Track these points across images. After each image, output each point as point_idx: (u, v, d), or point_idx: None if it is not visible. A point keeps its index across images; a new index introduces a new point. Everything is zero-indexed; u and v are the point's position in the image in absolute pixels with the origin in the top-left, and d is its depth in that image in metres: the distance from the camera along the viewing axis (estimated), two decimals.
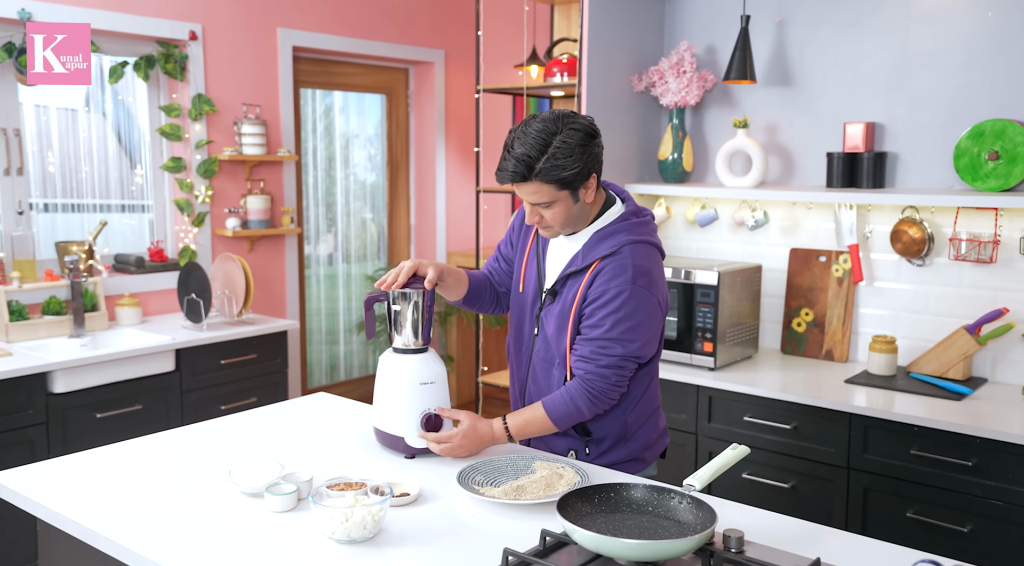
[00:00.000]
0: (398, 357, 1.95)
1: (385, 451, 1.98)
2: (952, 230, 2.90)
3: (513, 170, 1.81)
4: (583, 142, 1.81)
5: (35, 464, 1.88)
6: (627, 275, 1.85)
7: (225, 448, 2.00)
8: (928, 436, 2.53)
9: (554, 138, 1.79)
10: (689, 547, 1.33)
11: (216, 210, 4.07)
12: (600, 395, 1.86)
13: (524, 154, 1.79)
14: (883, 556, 1.50)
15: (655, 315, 1.89)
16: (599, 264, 1.88)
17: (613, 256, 1.87)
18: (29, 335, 3.30)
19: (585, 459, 1.98)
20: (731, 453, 1.60)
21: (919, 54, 2.97)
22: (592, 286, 1.88)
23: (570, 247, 1.96)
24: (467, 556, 1.46)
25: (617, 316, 1.84)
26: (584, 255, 1.91)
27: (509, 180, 1.83)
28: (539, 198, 1.84)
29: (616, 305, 1.84)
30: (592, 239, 1.92)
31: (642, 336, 1.86)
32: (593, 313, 1.86)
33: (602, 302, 1.85)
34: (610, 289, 1.85)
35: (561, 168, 1.79)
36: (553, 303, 1.96)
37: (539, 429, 1.91)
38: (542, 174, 1.79)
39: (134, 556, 1.48)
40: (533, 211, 1.88)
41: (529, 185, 1.82)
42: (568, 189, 1.83)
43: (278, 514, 1.62)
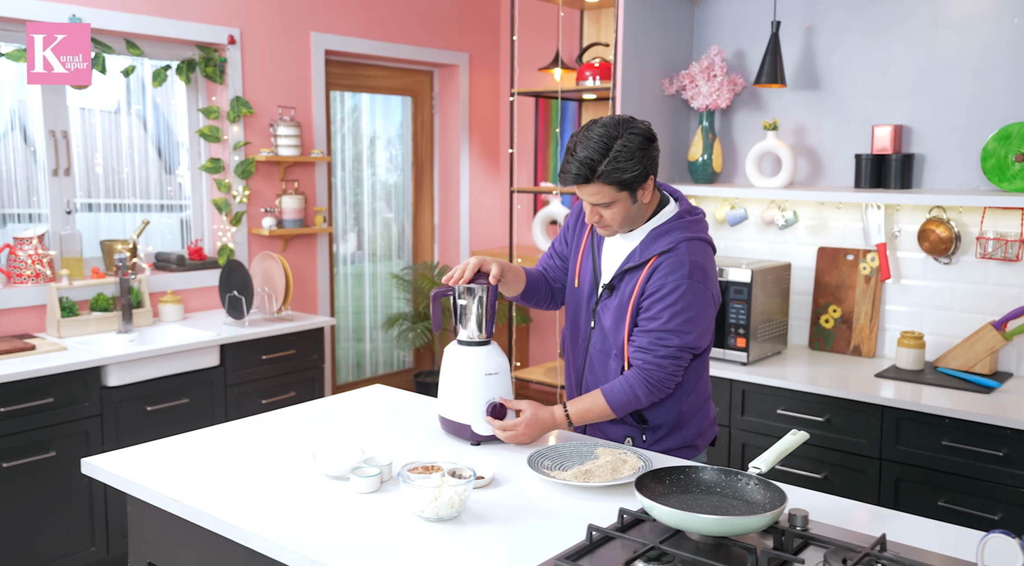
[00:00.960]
0: (464, 349, 2.05)
1: (450, 438, 2.08)
2: (979, 229, 3.00)
3: (576, 172, 1.91)
4: (643, 146, 1.91)
5: (124, 449, 1.98)
6: (684, 270, 1.95)
7: (298, 435, 2.10)
8: (959, 428, 2.63)
9: (615, 142, 1.89)
10: (764, 523, 1.43)
11: (252, 210, 4.17)
12: (658, 384, 1.96)
13: (587, 157, 1.89)
14: (946, 535, 1.59)
15: (709, 308, 1.99)
16: (656, 260, 1.98)
17: (670, 252, 1.97)
18: (79, 331, 3.40)
19: (641, 446, 2.08)
20: (792, 438, 1.70)
21: (945, 59, 3.07)
22: (650, 281, 1.97)
23: (626, 244, 2.06)
24: (548, 533, 1.56)
25: (674, 309, 1.94)
26: (641, 252, 2.01)
27: (572, 182, 1.94)
28: (600, 199, 1.94)
29: (673, 298, 1.94)
30: (649, 236, 2.02)
31: (697, 328, 1.97)
32: (651, 306, 1.96)
33: (660, 296, 1.95)
34: (667, 283, 1.95)
35: (622, 170, 1.89)
36: (610, 297, 2.06)
37: (598, 416, 2.00)
38: (604, 176, 1.89)
39: (236, 530, 1.57)
40: (593, 211, 1.98)
41: (591, 187, 1.92)
42: (628, 190, 1.93)
43: (363, 495, 1.72)
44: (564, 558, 1.43)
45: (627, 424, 2.09)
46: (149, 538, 1.86)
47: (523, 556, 1.47)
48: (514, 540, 1.54)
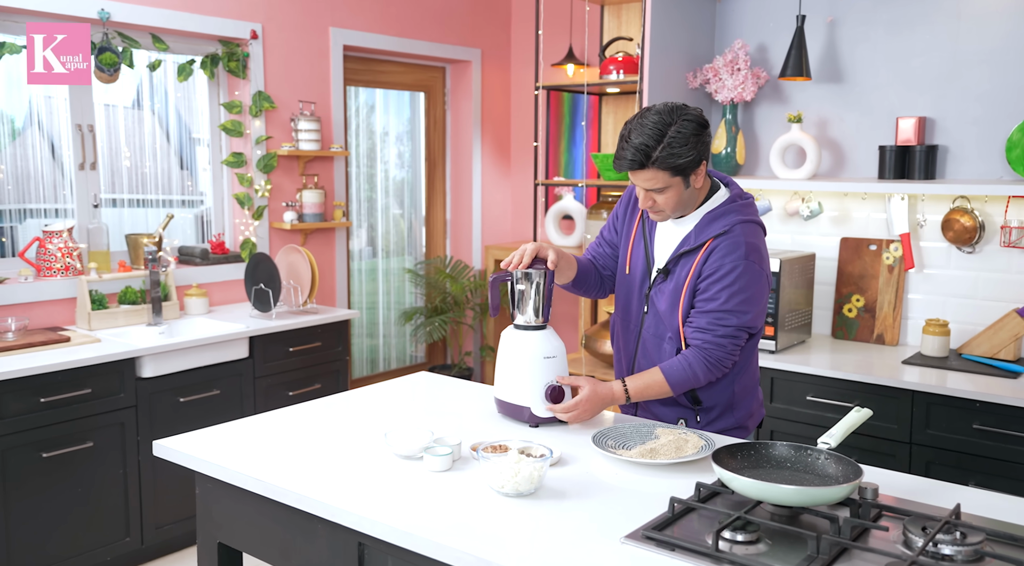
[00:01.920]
0: (521, 333, 2.08)
1: (507, 420, 2.12)
2: (1003, 218, 3.06)
3: (632, 158, 1.95)
4: (696, 132, 1.95)
5: (192, 432, 2.00)
6: (740, 251, 1.99)
7: (359, 419, 2.13)
8: (990, 411, 2.69)
9: (669, 129, 1.93)
10: (843, 494, 1.47)
11: (273, 204, 4.18)
12: (717, 363, 2.01)
13: (642, 144, 1.93)
14: (1015, 505, 1.64)
15: (765, 288, 2.05)
16: (712, 243, 2.02)
17: (726, 235, 2.02)
18: (109, 323, 3.41)
19: (695, 427, 2.12)
20: (856, 415, 1.74)
21: (969, 52, 3.13)
22: (707, 263, 2.02)
23: (680, 229, 2.10)
24: (625, 507, 1.60)
25: (732, 289, 1.98)
26: (696, 235, 2.05)
27: (628, 168, 1.98)
28: (654, 184, 1.98)
29: (731, 279, 1.98)
30: (703, 220, 2.06)
31: (754, 307, 2.01)
32: (708, 287, 2.01)
33: (717, 277, 1.99)
34: (725, 264, 1.99)
35: (676, 156, 1.93)
36: (665, 281, 2.10)
37: (656, 392, 2.04)
38: (659, 162, 1.93)
39: (322, 506, 1.60)
40: (647, 197, 2.02)
41: (646, 172, 1.96)
42: (681, 176, 1.97)
43: (437, 473, 1.76)
44: (651, 528, 1.47)
45: (681, 406, 2.13)
46: (218, 518, 1.89)
47: (606, 528, 1.51)
48: (593, 514, 1.58)
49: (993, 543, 1.42)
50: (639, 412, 2.22)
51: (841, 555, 1.39)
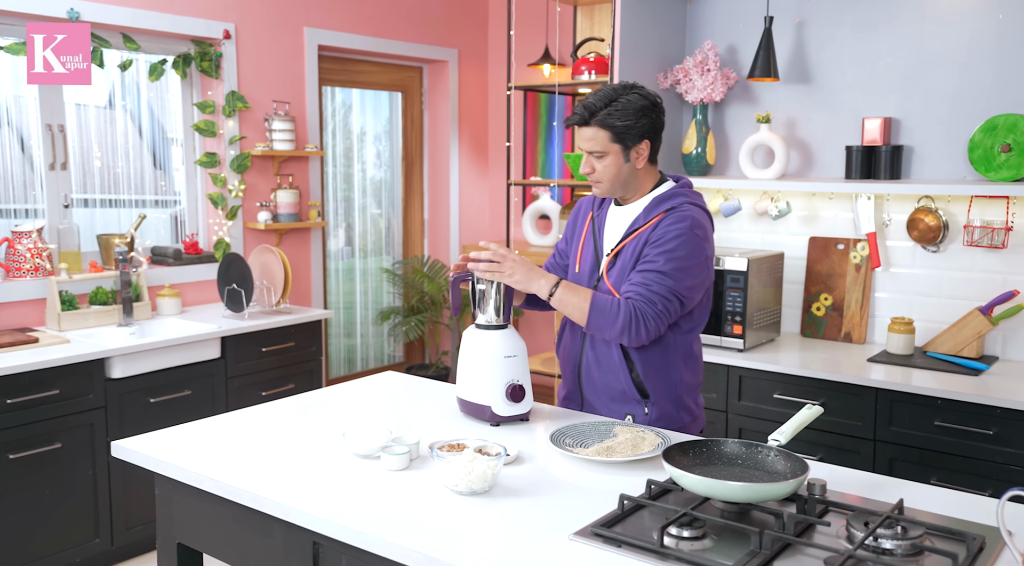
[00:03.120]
0: (482, 333, 2.10)
1: (469, 420, 2.13)
2: (966, 218, 3.11)
3: (578, 113, 2.05)
4: (644, 107, 2.04)
5: (151, 433, 2.01)
6: (686, 223, 2.03)
7: (321, 418, 2.14)
8: (951, 408, 2.72)
9: (620, 96, 2.05)
10: (789, 490, 1.50)
11: (247, 204, 4.18)
12: (640, 317, 1.98)
13: (591, 103, 2.05)
14: (956, 499, 1.67)
15: (705, 266, 2.06)
16: (659, 219, 2.07)
17: (674, 210, 2.07)
18: (79, 324, 3.40)
19: (643, 420, 2.14)
20: (807, 412, 1.77)
21: (933, 53, 3.17)
22: (653, 232, 2.05)
23: (628, 215, 2.15)
24: (578, 504, 1.62)
25: (672, 255, 2.00)
26: (646, 215, 2.10)
27: (574, 122, 2.08)
28: (593, 145, 2.05)
29: (673, 246, 2.01)
30: (652, 203, 2.11)
31: (691, 278, 2.03)
32: (650, 252, 2.04)
33: (660, 243, 2.03)
34: (669, 232, 2.03)
35: (617, 118, 2.02)
36: (614, 265, 2.12)
37: (578, 302, 2.02)
38: (600, 120, 2.03)
39: (277, 506, 1.61)
40: (587, 161, 2.09)
41: (587, 130, 2.05)
42: (620, 144, 2.05)
43: (394, 472, 1.77)
44: (600, 525, 1.48)
45: (630, 400, 2.14)
46: (178, 519, 1.89)
47: (557, 525, 1.53)
48: (546, 511, 1.60)
49: (933, 537, 1.45)
50: (584, 407, 2.24)
51: (784, 550, 1.41)
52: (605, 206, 2.22)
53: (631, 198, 2.14)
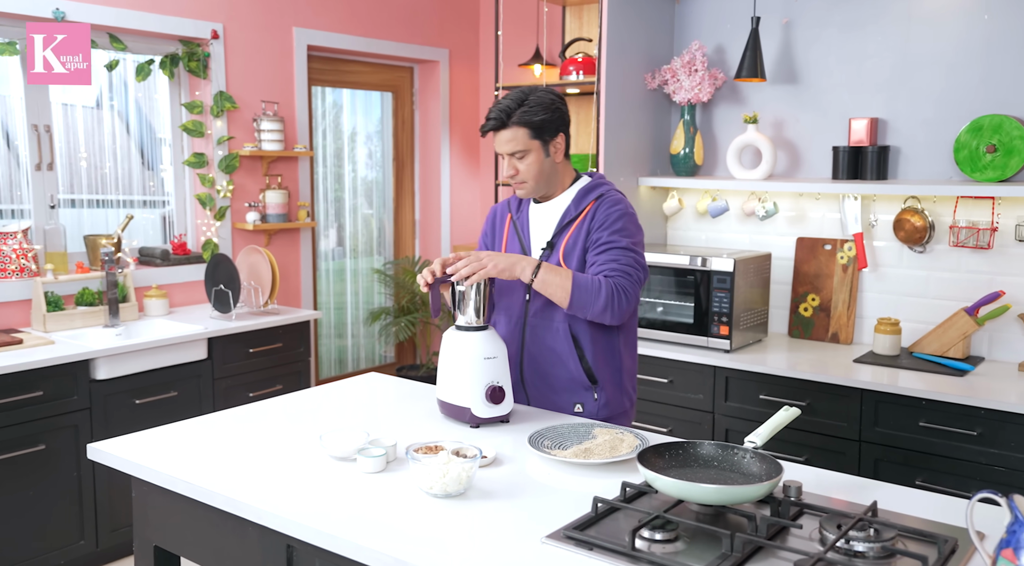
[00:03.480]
0: (462, 334, 2.09)
1: (449, 421, 2.12)
2: (952, 218, 3.10)
3: (495, 117, 2.10)
4: (553, 100, 2.14)
5: (129, 435, 2.00)
6: (622, 205, 2.17)
7: (301, 420, 2.13)
8: (935, 409, 2.72)
9: (529, 96, 2.13)
10: (762, 492, 1.49)
11: (236, 204, 4.17)
12: (620, 290, 2.06)
13: (504, 106, 2.10)
14: (930, 502, 1.67)
15: (642, 242, 2.18)
16: (592, 206, 2.17)
17: (603, 197, 2.18)
18: (65, 325, 3.39)
19: (593, 408, 2.19)
20: (784, 414, 1.76)
21: (920, 53, 3.17)
22: (594, 219, 2.14)
23: (555, 209, 2.22)
24: (553, 506, 1.61)
25: (624, 233, 2.12)
26: (576, 206, 2.18)
27: (491, 128, 2.12)
28: (514, 146, 2.10)
29: (621, 224, 2.13)
30: (578, 195, 2.20)
31: (642, 252, 2.16)
32: (601, 235, 2.12)
33: (608, 223, 2.12)
34: (612, 213, 2.14)
35: (534, 113, 2.10)
36: (549, 258, 2.18)
37: (560, 282, 2.05)
38: (519, 119, 2.09)
39: (250, 509, 1.61)
40: (510, 164, 2.15)
41: (507, 132, 2.10)
42: (539, 140, 2.12)
43: (370, 474, 1.76)
44: (573, 528, 1.48)
45: (579, 388, 2.19)
46: (154, 522, 1.89)
47: (531, 528, 1.52)
48: (521, 514, 1.59)
49: (906, 539, 1.45)
50: (531, 402, 2.26)
51: (757, 553, 1.41)
52: (524, 207, 2.28)
53: (553, 193, 2.22)
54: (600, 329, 2.17)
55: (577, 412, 2.20)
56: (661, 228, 3.81)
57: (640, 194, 3.65)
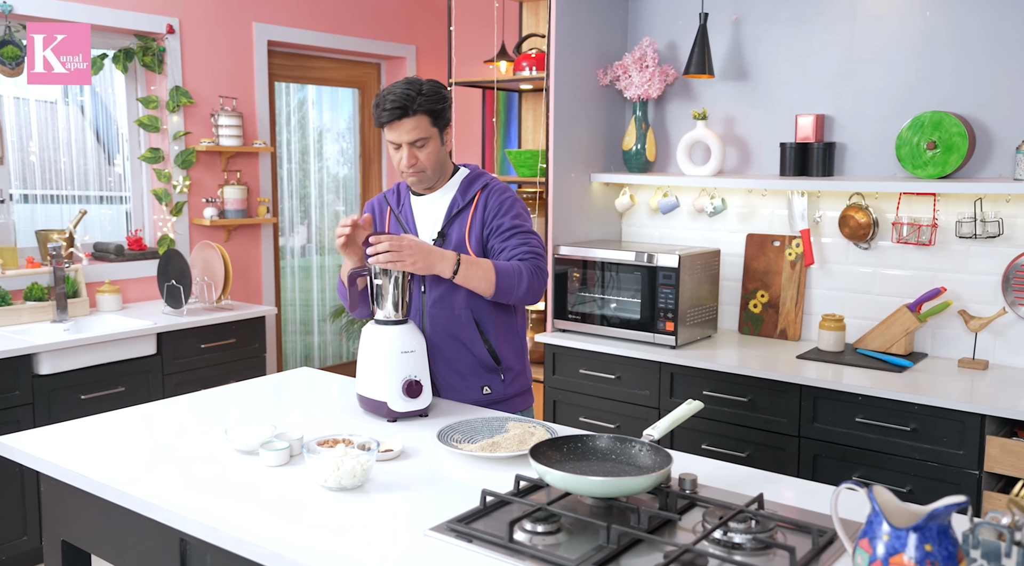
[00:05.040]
0: (380, 328, 2.09)
1: (368, 416, 2.12)
2: (895, 215, 3.11)
3: (394, 107, 2.08)
4: (445, 90, 2.17)
5: (37, 429, 1.99)
6: (510, 192, 2.25)
7: (217, 414, 2.13)
8: (872, 405, 2.72)
9: (422, 85, 2.13)
10: (646, 484, 1.49)
11: (194, 200, 4.16)
12: (538, 270, 2.14)
13: (403, 94, 2.09)
14: (817, 492, 1.67)
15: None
16: (481, 195, 2.21)
17: (488, 186, 2.23)
18: (12, 320, 3.38)
19: (499, 390, 2.23)
20: (686, 407, 1.76)
21: (864, 50, 3.17)
22: (487, 209, 2.19)
23: (442, 200, 2.24)
24: (449, 500, 1.61)
25: (521, 216, 2.21)
26: (463, 196, 2.21)
27: (389, 118, 2.09)
28: (417, 134, 2.11)
29: (516, 210, 2.21)
30: (462, 185, 2.24)
31: (538, 234, 2.22)
32: (501, 221, 2.17)
33: (504, 209, 2.18)
34: (505, 200, 2.21)
35: (434, 102, 2.11)
36: (443, 246, 2.19)
37: (483, 274, 2.07)
38: (420, 106, 2.09)
39: (142, 503, 1.60)
40: (410, 154, 2.13)
41: (409, 121, 2.09)
42: (437, 128, 2.15)
43: (272, 468, 1.76)
44: (458, 521, 1.48)
45: (484, 372, 2.22)
46: (62, 516, 1.88)
47: (419, 521, 1.52)
48: (414, 507, 1.59)
49: (787, 531, 1.45)
50: (443, 393, 2.27)
51: (637, 545, 1.41)
52: (404, 201, 2.30)
53: (437, 185, 2.24)
54: (502, 310, 2.22)
55: (486, 394, 2.24)
56: (615, 225, 3.81)
57: (592, 190, 3.65)
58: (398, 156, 2.16)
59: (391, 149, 2.18)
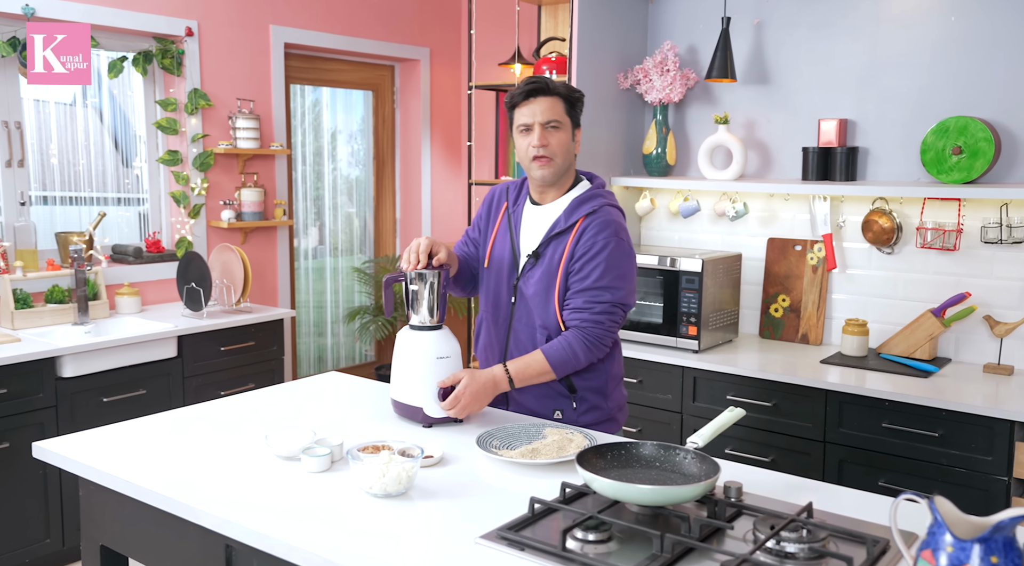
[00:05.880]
0: (416, 334, 2.09)
1: (403, 421, 2.12)
2: (919, 220, 3.11)
3: (533, 82, 2.07)
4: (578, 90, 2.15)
5: (77, 433, 1.99)
6: (611, 229, 2.08)
7: (251, 420, 2.12)
8: (898, 410, 2.72)
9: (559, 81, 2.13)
10: (696, 493, 1.49)
11: (211, 202, 4.16)
12: (596, 341, 2.06)
13: (541, 77, 2.09)
14: (867, 503, 1.67)
15: (634, 268, 2.14)
16: (583, 222, 2.10)
17: (595, 214, 2.11)
18: (34, 323, 3.38)
19: (571, 417, 2.16)
20: (728, 415, 1.76)
21: (888, 55, 3.17)
22: (580, 242, 2.08)
23: (547, 216, 2.17)
24: (494, 507, 1.61)
25: (605, 266, 2.06)
26: (566, 217, 2.13)
27: (525, 94, 2.07)
28: (551, 115, 2.07)
29: (604, 256, 2.06)
30: (571, 204, 2.14)
31: (626, 284, 2.09)
32: (583, 267, 2.07)
33: (591, 255, 2.06)
34: (598, 242, 2.07)
35: (571, 90, 2.11)
36: (535, 267, 2.14)
37: (537, 373, 2.06)
38: (559, 88, 2.09)
39: (189, 509, 1.60)
40: (542, 134, 2.07)
41: (545, 100, 2.07)
42: (571, 118, 2.11)
43: (313, 474, 1.76)
44: (507, 529, 1.48)
45: (557, 396, 2.16)
46: (100, 521, 1.88)
47: (468, 528, 1.52)
48: (460, 514, 1.59)
49: (838, 540, 1.45)
50: (510, 406, 2.24)
51: (689, 554, 1.41)
52: (521, 202, 2.24)
53: (552, 195, 2.17)
54: None
55: (557, 418, 2.17)
56: (634, 228, 3.81)
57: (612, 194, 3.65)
58: (526, 142, 2.09)
59: (518, 136, 2.10)
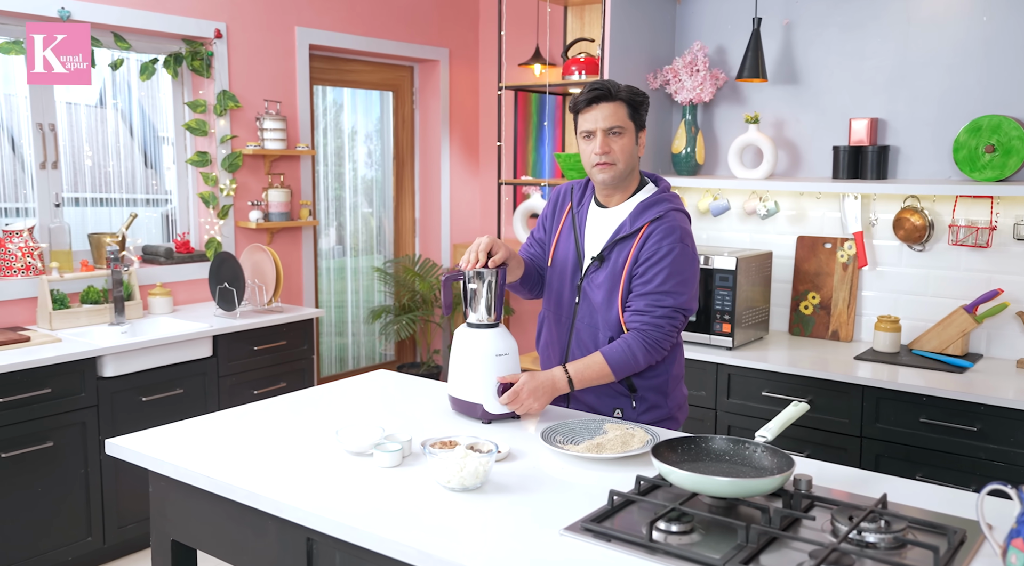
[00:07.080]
0: (474, 331, 2.12)
1: (460, 417, 2.15)
2: (951, 217, 3.15)
3: (598, 88, 2.10)
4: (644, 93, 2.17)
5: (148, 430, 2.02)
6: (676, 235, 2.10)
7: (314, 416, 2.16)
8: (936, 405, 2.76)
9: (622, 84, 2.15)
10: (774, 485, 1.52)
11: (239, 203, 4.19)
12: (655, 344, 2.08)
13: (604, 83, 2.11)
14: (940, 494, 1.71)
15: (697, 273, 2.16)
16: (648, 227, 2.12)
17: (661, 220, 2.12)
18: (71, 323, 3.40)
19: (631, 415, 2.18)
20: (794, 409, 1.80)
21: (919, 54, 3.21)
22: (644, 247, 2.11)
23: (613, 219, 2.19)
24: (568, 500, 1.64)
25: (668, 271, 2.08)
26: (632, 222, 2.15)
27: (590, 101, 2.10)
28: (614, 121, 2.09)
29: (668, 261, 2.08)
30: (637, 208, 2.17)
31: (689, 289, 2.11)
32: (647, 271, 2.10)
33: (655, 259, 2.09)
34: (662, 247, 2.09)
35: (635, 94, 2.13)
36: (599, 269, 2.17)
37: (597, 375, 2.09)
38: (623, 93, 2.10)
39: (272, 503, 1.63)
40: (604, 141, 2.11)
41: (609, 105, 2.10)
42: (635, 123, 2.13)
43: (386, 469, 1.79)
44: (591, 521, 1.51)
45: (617, 395, 2.19)
46: (172, 516, 1.91)
47: (548, 521, 1.55)
48: (537, 507, 1.62)
49: (915, 530, 1.48)
50: (571, 404, 2.27)
51: (771, 544, 1.44)
52: (585, 203, 2.27)
53: (617, 199, 2.19)
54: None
55: (617, 416, 2.20)
56: None
57: None
58: (589, 148, 2.12)
59: (581, 142, 2.13)
